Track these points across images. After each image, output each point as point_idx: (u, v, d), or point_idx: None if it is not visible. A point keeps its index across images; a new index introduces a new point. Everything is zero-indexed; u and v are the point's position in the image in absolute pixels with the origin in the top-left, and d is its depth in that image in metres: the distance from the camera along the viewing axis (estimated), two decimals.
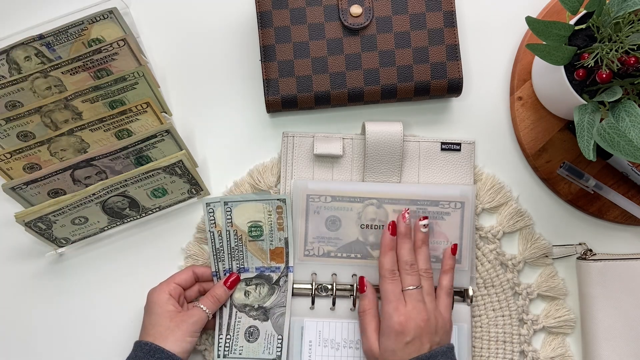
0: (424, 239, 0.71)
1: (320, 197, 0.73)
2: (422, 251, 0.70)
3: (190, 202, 0.76)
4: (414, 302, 0.66)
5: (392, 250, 0.70)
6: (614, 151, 0.56)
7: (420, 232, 0.71)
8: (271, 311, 0.72)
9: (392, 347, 0.65)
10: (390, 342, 0.65)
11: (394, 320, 0.65)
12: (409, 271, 0.68)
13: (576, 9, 0.62)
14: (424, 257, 0.70)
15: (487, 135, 0.77)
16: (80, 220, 0.72)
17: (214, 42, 0.79)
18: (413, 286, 0.67)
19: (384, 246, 0.70)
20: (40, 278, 0.76)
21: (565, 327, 0.74)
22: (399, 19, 0.74)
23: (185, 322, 0.67)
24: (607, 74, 0.61)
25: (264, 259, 0.73)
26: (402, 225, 0.71)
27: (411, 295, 0.67)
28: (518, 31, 0.78)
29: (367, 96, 0.74)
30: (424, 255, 0.70)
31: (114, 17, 0.72)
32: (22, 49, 0.72)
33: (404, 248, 0.69)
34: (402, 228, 0.70)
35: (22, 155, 0.70)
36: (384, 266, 0.69)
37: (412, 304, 0.66)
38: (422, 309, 0.66)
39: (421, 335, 0.65)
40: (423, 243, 0.70)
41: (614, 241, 0.76)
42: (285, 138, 0.75)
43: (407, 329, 0.65)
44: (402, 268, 0.69)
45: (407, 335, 0.64)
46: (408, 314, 0.66)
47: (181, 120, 0.77)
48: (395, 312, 0.66)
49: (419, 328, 0.65)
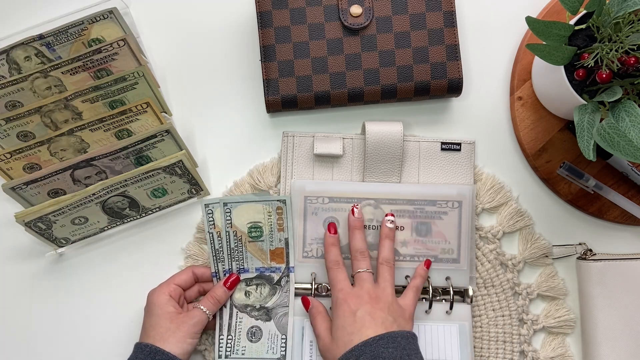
0: (388, 234, 0.70)
1: (318, 199, 0.73)
2: (386, 243, 0.69)
3: (190, 202, 0.76)
4: (361, 282, 0.65)
5: (334, 246, 0.69)
6: (614, 151, 0.56)
7: (386, 226, 0.70)
8: (274, 311, 0.72)
9: (341, 324, 0.63)
10: (338, 319, 0.63)
11: (340, 299, 0.64)
12: (359, 257, 0.67)
13: (576, 9, 0.62)
14: (387, 248, 0.69)
15: (487, 135, 0.77)
16: (80, 220, 0.72)
17: (214, 42, 0.79)
18: (362, 269, 0.66)
19: (326, 245, 0.70)
20: (40, 278, 0.76)
21: (565, 327, 0.74)
22: (399, 19, 0.74)
23: (186, 324, 0.67)
24: (607, 74, 0.61)
25: (264, 259, 0.73)
26: (352, 219, 0.70)
27: (359, 277, 0.66)
28: (518, 31, 0.78)
29: (367, 96, 0.74)
30: (387, 246, 0.69)
31: (114, 17, 0.72)
32: (22, 49, 0.72)
33: (356, 238, 0.69)
34: (352, 221, 0.70)
35: (22, 155, 0.70)
36: (327, 259, 0.69)
37: (360, 285, 0.65)
38: (371, 289, 0.65)
39: (372, 311, 0.63)
40: (387, 237, 0.70)
41: (614, 241, 0.76)
42: (285, 138, 0.75)
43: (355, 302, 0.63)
44: (353, 257, 0.68)
45: (353, 306, 0.63)
46: (355, 292, 0.64)
47: (181, 120, 0.77)
48: (341, 292, 0.65)
49: (367, 304, 0.63)
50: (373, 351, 0.60)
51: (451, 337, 0.72)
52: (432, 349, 0.71)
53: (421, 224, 0.73)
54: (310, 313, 0.70)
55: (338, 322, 0.64)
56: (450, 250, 0.73)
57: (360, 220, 0.71)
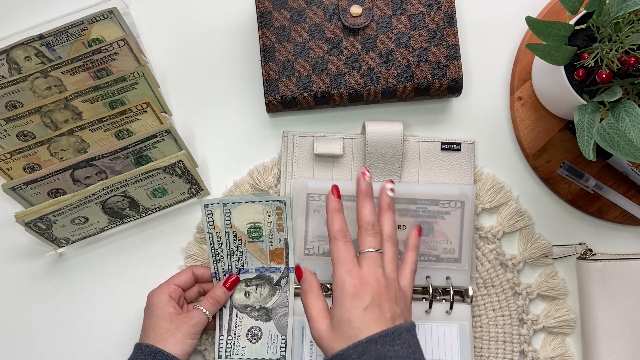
0: (389, 204, 0.63)
1: (321, 196, 0.73)
2: (388, 215, 0.62)
3: (190, 202, 0.76)
4: (371, 265, 0.58)
5: (340, 212, 0.61)
6: (614, 151, 0.56)
7: (386, 195, 0.64)
8: (273, 312, 0.72)
9: (347, 316, 0.55)
10: (344, 310, 0.55)
11: (347, 284, 0.56)
12: (370, 232, 0.60)
13: (576, 9, 0.62)
14: (389, 221, 0.62)
15: (487, 135, 0.77)
16: (80, 220, 0.72)
17: (214, 42, 0.79)
18: (373, 248, 0.59)
19: (330, 209, 0.61)
20: (40, 278, 0.76)
21: (565, 327, 0.74)
22: (399, 19, 0.74)
23: (185, 325, 0.67)
24: (607, 74, 0.61)
25: (264, 260, 0.73)
26: (362, 184, 0.62)
27: (369, 258, 0.58)
28: (518, 31, 0.78)
29: (367, 96, 0.74)
30: (389, 220, 0.62)
31: (114, 17, 0.72)
32: (22, 49, 0.72)
33: (366, 207, 0.61)
34: (363, 186, 0.62)
35: (22, 155, 0.70)
36: (333, 226, 0.60)
37: (370, 268, 0.57)
38: (381, 274, 0.57)
39: (381, 303, 0.55)
40: (389, 207, 0.63)
41: (614, 241, 0.76)
42: (285, 138, 0.75)
43: (364, 292, 0.55)
44: (363, 229, 0.60)
45: (364, 299, 0.55)
46: (364, 278, 0.57)
47: (181, 120, 0.77)
48: (349, 275, 0.57)
49: (377, 294, 0.56)
50: (378, 350, 0.54)
51: (451, 337, 0.72)
52: (432, 349, 0.71)
53: (423, 223, 0.73)
54: (302, 286, 0.63)
55: (344, 314, 0.56)
56: (452, 250, 0.73)
57: (371, 186, 0.63)
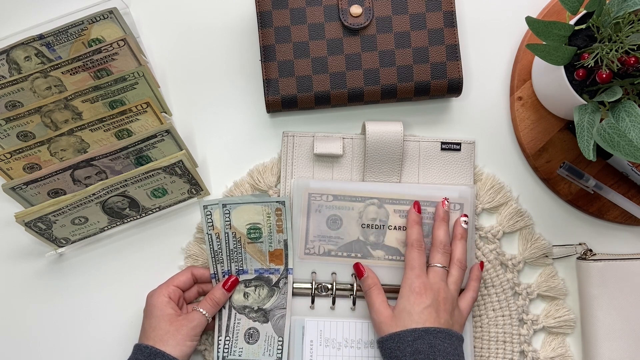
0: (463, 234, 0.71)
1: (322, 196, 0.73)
2: (461, 243, 0.70)
3: (190, 202, 0.76)
4: (436, 277, 0.67)
5: (419, 224, 0.71)
6: (614, 151, 0.56)
7: (460, 226, 0.71)
8: (271, 313, 0.72)
9: (408, 309, 0.65)
10: (408, 303, 0.65)
11: (415, 284, 0.66)
12: (441, 250, 0.69)
13: (576, 9, 0.62)
14: (461, 248, 0.70)
15: (487, 135, 0.77)
16: (80, 220, 0.72)
17: (214, 42, 0.79)
18: (440, 264, 0.68)
19: (411, 221, 0.71)
20: (40, 278, 0.76)
21: (565, 327, 0.74)
22: (399, 19, 0.74)
23: (185, 327, 0.67)
24: (607, 74, 0.61)
25: (263, 260, 0.73)
26: (441, 210, 0.72)
27: (436, 272, 0.67)
28: (518, 31, 0.78)
29: (367, 96, 0.74)
30: (461, 247, 0.70)
31: (114, 17, 0.72)
32: (22, 49, 0.72)
33: (441, 229, 0.70)
34: (442, 212, 0.71)
35: (22, 155, 0.70)
36: (411, 236, 0.70)
37: (435, 279, 0.67)
38: (443, 287, 0.66)
39: (438, 308, 0.65)
40: (462, 237, 0.71)
41: (614, 241, 0.76)
42: (285, 138, 0.75)
43: (427, 294, 0.65)
44: (435, 246, 0.69)
45: (426, 299, 0.65)
46: (429, 283, 0.66)
47: (181, 120, 0.77)
48: (417, 279, 0.66)
49: (437, 300, 0.65)
50: (431, 340, 0.63)
51: None
52: None
53: (424, 225, 0.73)
54: (364, 283, 0.70)
55: (407, 306, 0.65)
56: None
57: (448, 214, 0.72)
